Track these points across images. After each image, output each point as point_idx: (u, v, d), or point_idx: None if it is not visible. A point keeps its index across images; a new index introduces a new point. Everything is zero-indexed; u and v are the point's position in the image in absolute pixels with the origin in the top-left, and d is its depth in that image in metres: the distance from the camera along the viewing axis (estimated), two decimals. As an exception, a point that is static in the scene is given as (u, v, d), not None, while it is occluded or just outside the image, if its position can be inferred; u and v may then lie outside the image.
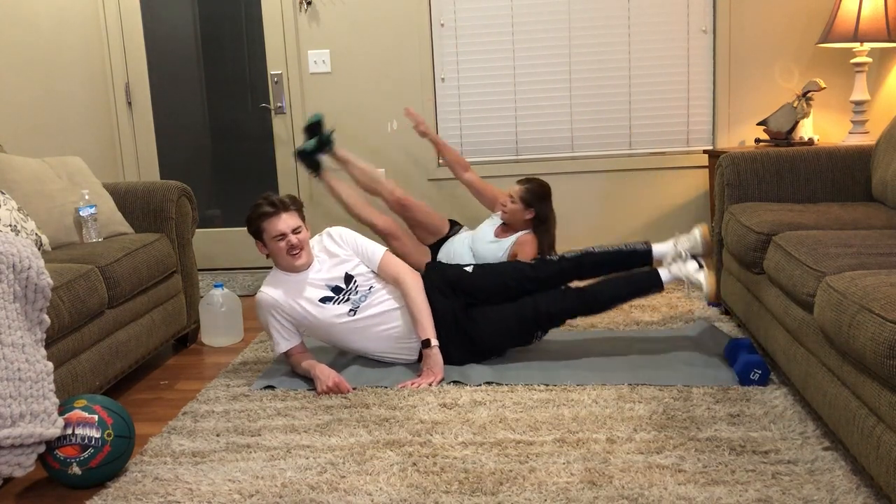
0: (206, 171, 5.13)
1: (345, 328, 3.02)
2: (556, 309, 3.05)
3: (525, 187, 3.82)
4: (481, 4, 4.66)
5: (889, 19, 3.87)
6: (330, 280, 3.04)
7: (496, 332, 3.05)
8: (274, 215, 2.96)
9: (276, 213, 2.96)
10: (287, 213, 2.98)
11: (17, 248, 2.29)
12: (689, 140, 4.69)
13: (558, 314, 3.06)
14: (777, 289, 2.69)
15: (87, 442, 2.24)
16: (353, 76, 4.78)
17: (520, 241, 3.79)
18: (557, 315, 3.06)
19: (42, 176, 3.26)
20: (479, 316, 3.06)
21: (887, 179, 3.14)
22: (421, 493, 2.14)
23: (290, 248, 2.97)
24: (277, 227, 2.96)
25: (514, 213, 3.81)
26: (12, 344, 2.19)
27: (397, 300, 3.06)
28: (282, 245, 2.97)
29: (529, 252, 3.73)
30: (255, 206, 3.00)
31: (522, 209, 3.79)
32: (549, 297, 3.06)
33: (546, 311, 3.04)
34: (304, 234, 3.01)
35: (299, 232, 2.99)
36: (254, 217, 2.99)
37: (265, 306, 3.01)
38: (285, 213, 2.97)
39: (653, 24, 4.58)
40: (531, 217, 3.81)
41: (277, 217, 2.96)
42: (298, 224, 3.00)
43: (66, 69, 4.47)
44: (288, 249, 2.97)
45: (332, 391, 2.85)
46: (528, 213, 3.80)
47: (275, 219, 2.96)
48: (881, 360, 1.81)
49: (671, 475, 2.16)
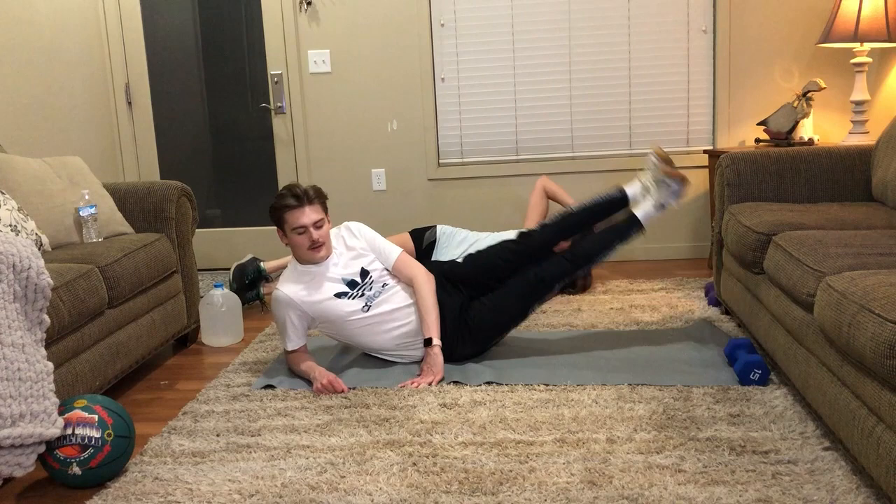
0: (206, 171, 5.13)
1: (358, 323, 3.03)
2: (548, 274, 3.08)
3: None
4: (481, 4, 4.66)
5: (889, 19, 3.87)
6: (346, 275, 3.05)
7: (496, 313, 3.08)
8: (297, 208, 2.95)
9: (300, 206, 2.96)
10: (310, 206, 2.97)
11: (17, 248, 2.29)
12: (689, 140, 4.69)
13: (551, 278, 3.09)
14: (777, 289, 2.69)
15: (87, 442, 2.24)
16: (353, 76, 4.79)
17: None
18: (550, 280, 3.09)
19: (42, 176, 3.26)
20: (478, 305, 3.10)
21: (887, 179, 3.14)
22: (421, 493, 2.14)
23: (312, 243, 2.98)
24: (300, 220, 2.95)
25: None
26: (12, 344, 2.19)
27: (409, 298, 3.08)
28: (303, 239, 2.97)
29: None
30: (279, 196, 2.99)
31: None
32: (540, 266, 3.10)
33: (539, 279, 3.07)
34: (325, 228, 3.02)
35: (321, 226, 2.99)
36: (277, 207, 2.99)
37: (283, 304, 3.01)
38: (308, 206, 2.97)
39: (653, 24, 4.58)
40: None
41: (300, 210, 2.96)
42: (321, 217, 2.99)
43: (66, 69, 4.47)
44: (310, 244, 2.98)
45: (326, 389, 2.86)
46: None
47: (297, 212, 2.96)
48: (881, 360, 1.81)
49: (671, 475, 2.16)
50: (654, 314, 3.64)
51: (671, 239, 4.77)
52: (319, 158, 4.89)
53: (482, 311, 3.08)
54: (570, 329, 3.47)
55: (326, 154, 4.88)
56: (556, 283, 3.11)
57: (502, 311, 3.08)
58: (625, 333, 3.39)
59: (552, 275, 3.09)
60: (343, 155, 4.87)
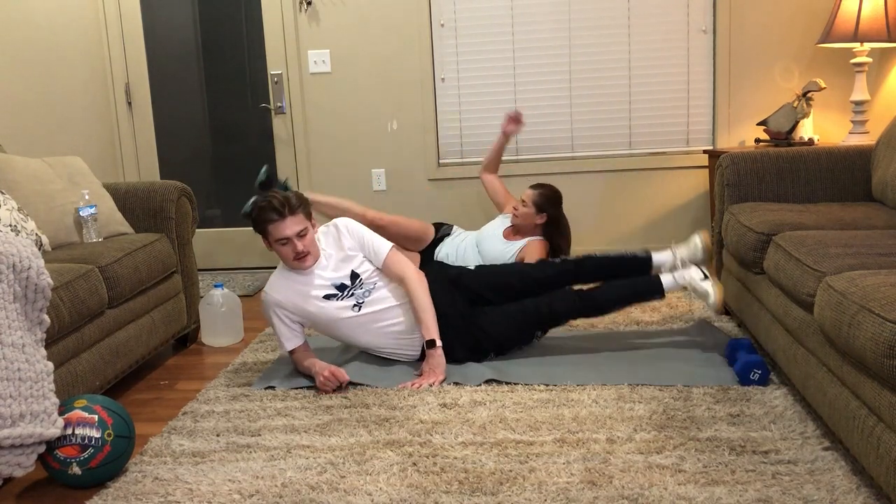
0: (206, 171, 5.13)
1: (350, 323, 3.03)
2: (559, 309, 3.07)
3: (539, 192, 3.86)
4: (481, 4, 4.66)
5: (889, 19, 3.87)
6: (336, 278, 3.04)
7: (499, 331, 3.06)
8: (278, 221, 2.93)
9: (281, 219, 2.93)
10: (293, 216, 2.94)
11: (17, 248, 2.29)
12: (689, 140, 4.69)
13: (560, 314, 3.08)
14: (777, 289, 2.69)
15: (87, 442, 2.24)
16: (353, 76, 4.79)
17: (529, 245, 3.82)
18: (559, 315, 3.09)
19: (42, 176, 3.26)
20: (483, 315, 3.08)
21: (887, 179, 3.14)
22: (421, 493, 2.14)
23: (297, 254, 2.96)
24: (283, 233, 2.93)
25: (525, 216, 3.84)
26: (12, 344, 2.19)
27: (401, 296, 3.06)
28: (287, 250, 2.96)
29: (537, 257, 3.75)
30: (260, 209, 2.95)
31: (534, 213, 3.83)
32: (552, 298, 3.08)
33: (549, 311, 3.06)
34: (309, 236, 2.99)
35: (304, 235, 2.96)
36: (258, 221, 2.97)
37: (270, 306, 3.02)
38: (291, 216, 2.93)
39: (653, 24, 4.58)
40: (542, 222, 3.85)
41: (282, 222, 2.93)
42: (303, 227, 2.96)
43: (66, 69, 4.47)
44: (294, 255, 2.96)
45: (328, 380, 2.85)
46: (539, 217, 3.84)
47: (280, 224, 2.93)
48: (881, 360, 1.81)
49: (671, 475, 2.16)
50: (653, 314, 3.64)
51: (671, 239, 4.75)
52: (319, 158, 4.89)
53: (485, 322, 3.06)
54: (570, 329, 3.47)
55: (326, 154, 4.88)
56: (564, 320, 3.12)
57: (506, 330, 3.07)
58: (625, 333, 3.39)
59: (561, 312, 3.08)
60: (343, 155, 4.87)
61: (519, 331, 3.08)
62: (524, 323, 3.07)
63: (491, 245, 3.90)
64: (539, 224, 3.87)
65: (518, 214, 3.85)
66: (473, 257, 3.90)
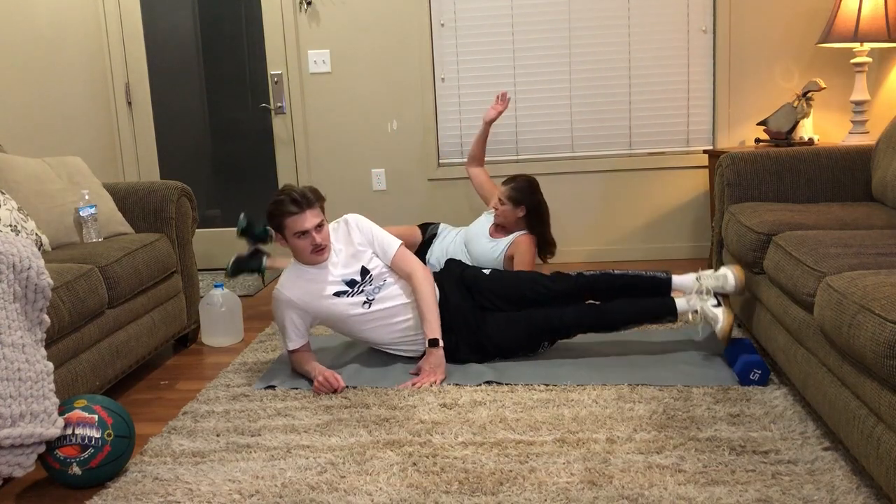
0: (206, 171, 5.13)
1: (359, 319, 3.04)
2: (569, 322, 3.05)
3: (511, 186, 3.84)
4: (481, 4, 4.66)
5: (889, 19, 3.86)
6: (346, 274, 3.04)
7: (506, 338, 3.06)
8: (298, 214, 2.93)
9: (301, 212, 2.93)
10: (311, 209, 2.95)
11: (17, 248, 2.29)
12: (689, 140, 4.69)
13: (571, 327, 3.07)
14: (777, 289, 2.69)
15: (87, 442, 2.24)
16: (353, 76, 4.79)
17: (516, 241, 3.81)
18: (569, 327, 3.07)
19: (42, 176, 3.26)
20: (492, 320, 3.07)
21: (887, 179, 3.14)
22: (421, 493, 2.14)
23: (315, 247, 2.97)
24: (302, 226, 2.93)
25: (505, 214, 3.83)
26: (12, 344, 2.19)
27: (410, 293, 3.07)
28: (305, 243, 2.96)
29: (525, 251, 3.74)
30: (277, 202, 2.95)
31: (512, 208, 3.81)
32: (563, 310, 3.06)
33: (559, 323, 3.05)
34: (325, 230, 3.01)
35: (321, 228, 2.98)
36: (276, 213, 2.96)
37: (283, 304, 3.01)
38: (309, 210, 2.94)
39: (653, 24, 4.58)
40: (523, 214, 3.83)
41: (301, 215, 2.93)
42: (320, 219, 2.97)
43: (66, 69, 4.47)
44: (312, 248, 2.97)
45: (323, 385, 2.86)
46: (518, 210, 3.82)
47: (298, 217, 2.93)
48: (881, 360, 1.81)
49: (671, 475, 2.16)
50: (654, 314, 3.63)
51: (671, 239, 4.77)
52: (319, 158, 4.89)
53: (493, 327, 3.06)
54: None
55: (326, 154, 4.88)
56: (574, 333, 3.10)
57: (513, 338, 3.06)
58: (625, 333, 3.39)
59: (571, 325, 3.06)
60: (343, 155, 4.87)
61: (525, 339, 3.07)
62: (532, 332, 3.05)
63: (478, 244, 3.89)
64: (521, 217, 3.84)
65: (499, 213, 3.85)
66: (461, 257, 3.89)
